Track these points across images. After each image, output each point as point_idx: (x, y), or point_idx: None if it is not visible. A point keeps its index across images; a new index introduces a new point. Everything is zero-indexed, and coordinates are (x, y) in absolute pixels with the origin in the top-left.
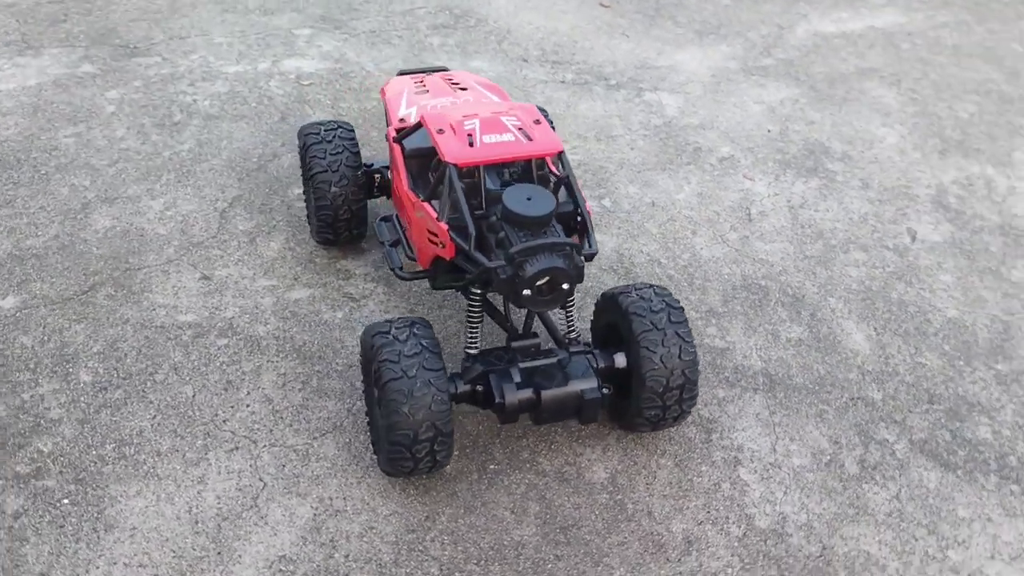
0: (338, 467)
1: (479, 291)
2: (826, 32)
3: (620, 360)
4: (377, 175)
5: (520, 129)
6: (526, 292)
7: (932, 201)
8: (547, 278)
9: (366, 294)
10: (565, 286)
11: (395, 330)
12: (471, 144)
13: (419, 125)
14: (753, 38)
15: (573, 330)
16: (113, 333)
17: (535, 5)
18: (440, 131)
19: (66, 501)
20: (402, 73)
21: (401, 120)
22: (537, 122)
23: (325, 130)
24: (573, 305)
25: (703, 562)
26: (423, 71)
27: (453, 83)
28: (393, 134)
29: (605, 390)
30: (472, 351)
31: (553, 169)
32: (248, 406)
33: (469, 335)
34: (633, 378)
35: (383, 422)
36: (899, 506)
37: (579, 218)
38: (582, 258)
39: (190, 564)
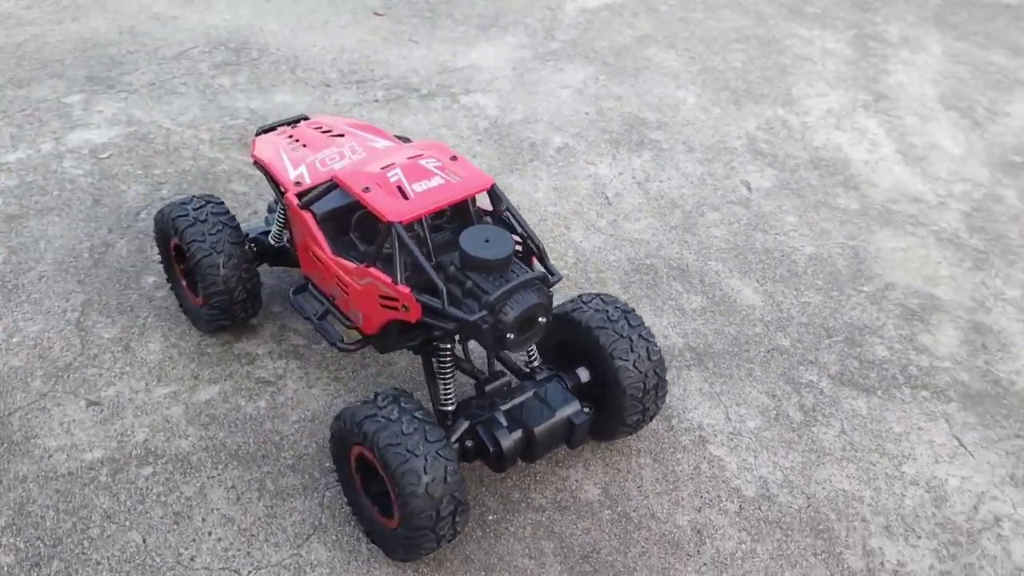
0: (337, 569)
1: (448, 345)
2: (591, 7)
3: (584, 375)
4: (254, 244)
5: (442, 170)
6: (510, 336)
7: (748, 151)
8: (527, 316)
9: (280, 374)
10: (542, 320)
11: (383, 410)
12: (405, 197)
13: (331, 186)
14: (532, 24)
15: (535, 358)
16: (15, 497)
17: (309, 25)
18: (366, 189)
19: None
20: (263, 131)
21: (297, 184)
22: (454, 159)
23: (193, 209)
24: None
25: (718, 546)
26: (285, 123)
27: (325, 131)
28: (295, 201)
29: (587, 409)
30: (448, 407)
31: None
32: (211, 534)
33: (444, 391)
34: (609, 389)
35: (402, 511)
36: (848, 439)
37: (535, 246)
38: (548, 288)
39: None
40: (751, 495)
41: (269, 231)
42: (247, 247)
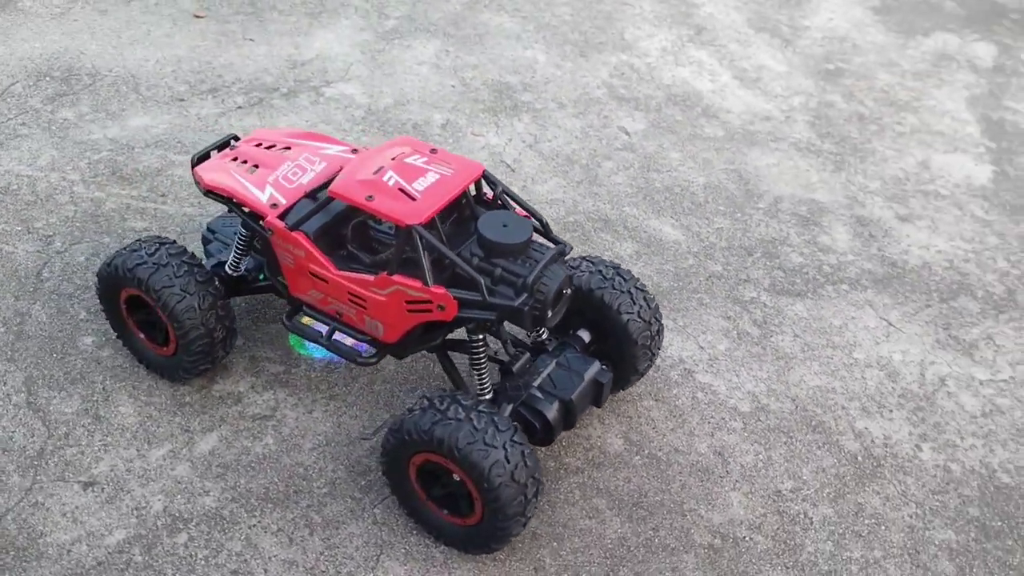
0: (418, 569)
1: (480, 337)
2: None
3: (586, 336)
4: (225, 274)
5: (431, 164)
6: (549, 313)
7: (612, 98)
8: (559, 291)
9: (273, 406)
10: (567, 291)
11: (447, 412)
12: (412, 198)
13: (325, 202)
14: (359, 5)
15: (542, 331)
16: None
17: (132, 40)
18: (370, 198)
19: None
20: (198, 159)
21: (273, 206)
22: (433, 151)
23: (149, 254)
24: None
25: (740, 462)
26: (216, 147)
27: (268, 147)
28: (280, 224)
29: (606, 367)
30: (487, 395)
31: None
32: None
33: (480, 381)
34: (619, 342)
35: (493, 504)
36: (802, 341)
37: (539, 221)
38: (564, 259)
39: None
40: (748, 410)
41: (222, 262)
42: (218, 283)
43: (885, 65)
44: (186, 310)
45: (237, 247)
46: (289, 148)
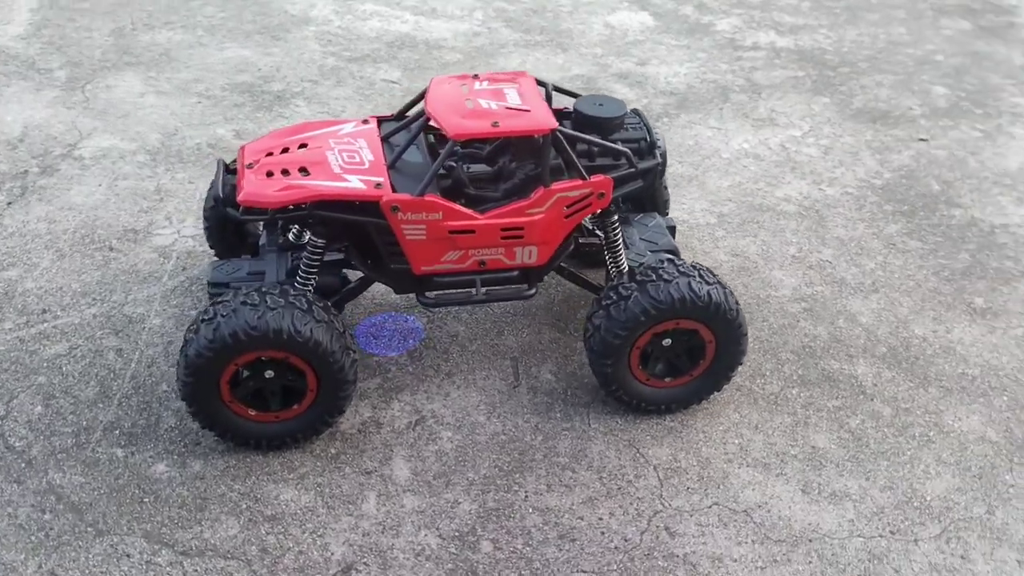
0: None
1: (616, 216)
2: None
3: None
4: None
5: (494, 84)
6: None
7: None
8: None
9: (415, 408)
10: None
11: None
12: (526, 111)
13: (450, 151)
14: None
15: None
16: None
17: None
18: (496, 124)
19: None
20: (229, 171)
21: (378, 186)
22: (475, 76)
23: (258, 303)
24: None
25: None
26: (226, 171)
27: (283, 150)
28: (407, 197)
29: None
30: (625, 269)
31: None
32: None
33: (616, 263)
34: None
35: None
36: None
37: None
38: None
39: None
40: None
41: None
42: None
43: None
44: (337, 338)
45: (309, 264)
46: (305, 145)
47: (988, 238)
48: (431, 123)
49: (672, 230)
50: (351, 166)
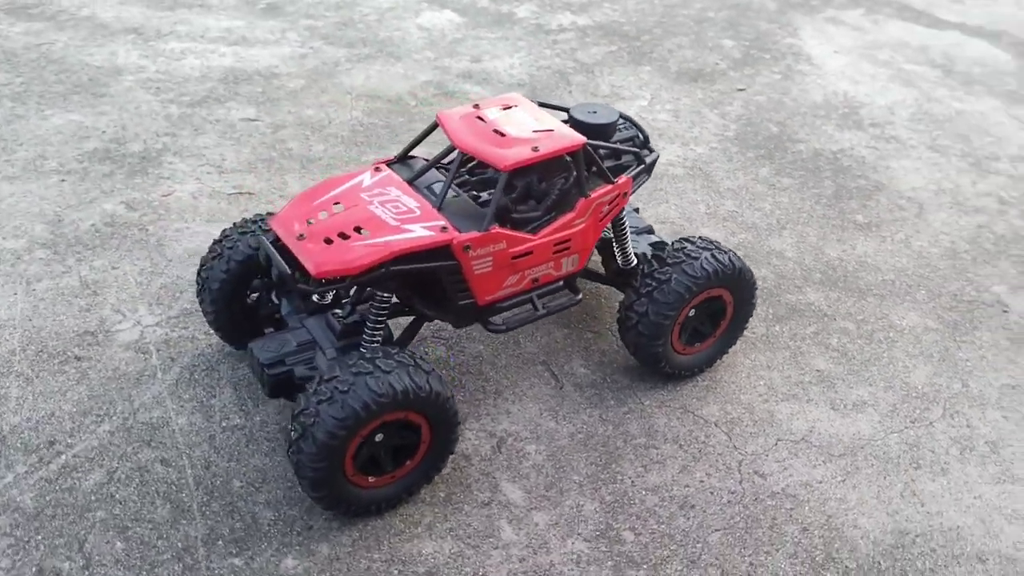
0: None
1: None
2: None
3: None
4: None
5: (505, 109)
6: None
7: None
8: None
9: (495, 424)
10: None
11: None
12: (550, 130)
13: (474, 198)
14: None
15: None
16: None
17: None
18: (535, 149)
19: None
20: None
21: (443, 229)
22: (476, 105)
23: (371, 369)
24: None
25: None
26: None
27: (320, 211)
28: (475, 234)
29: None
30: (632, 263)
31: None
32: None
33: (623, 253)
34: None
35: None
36: None
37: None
38: None
39: None
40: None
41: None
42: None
43: None
44: (445, 384)
45: (376, 320)
46: (339, 203)
47: (836, 163)
48: (468, 158)
49: (636, 211)
50: (404, 216)
